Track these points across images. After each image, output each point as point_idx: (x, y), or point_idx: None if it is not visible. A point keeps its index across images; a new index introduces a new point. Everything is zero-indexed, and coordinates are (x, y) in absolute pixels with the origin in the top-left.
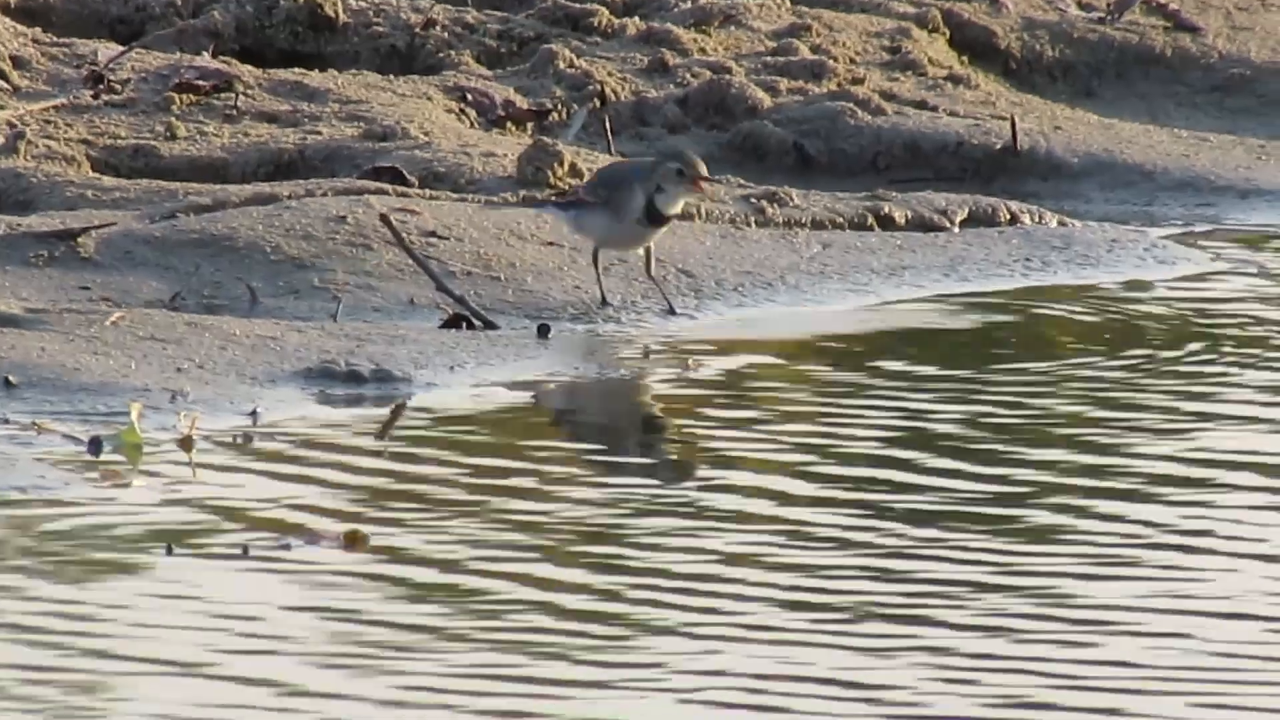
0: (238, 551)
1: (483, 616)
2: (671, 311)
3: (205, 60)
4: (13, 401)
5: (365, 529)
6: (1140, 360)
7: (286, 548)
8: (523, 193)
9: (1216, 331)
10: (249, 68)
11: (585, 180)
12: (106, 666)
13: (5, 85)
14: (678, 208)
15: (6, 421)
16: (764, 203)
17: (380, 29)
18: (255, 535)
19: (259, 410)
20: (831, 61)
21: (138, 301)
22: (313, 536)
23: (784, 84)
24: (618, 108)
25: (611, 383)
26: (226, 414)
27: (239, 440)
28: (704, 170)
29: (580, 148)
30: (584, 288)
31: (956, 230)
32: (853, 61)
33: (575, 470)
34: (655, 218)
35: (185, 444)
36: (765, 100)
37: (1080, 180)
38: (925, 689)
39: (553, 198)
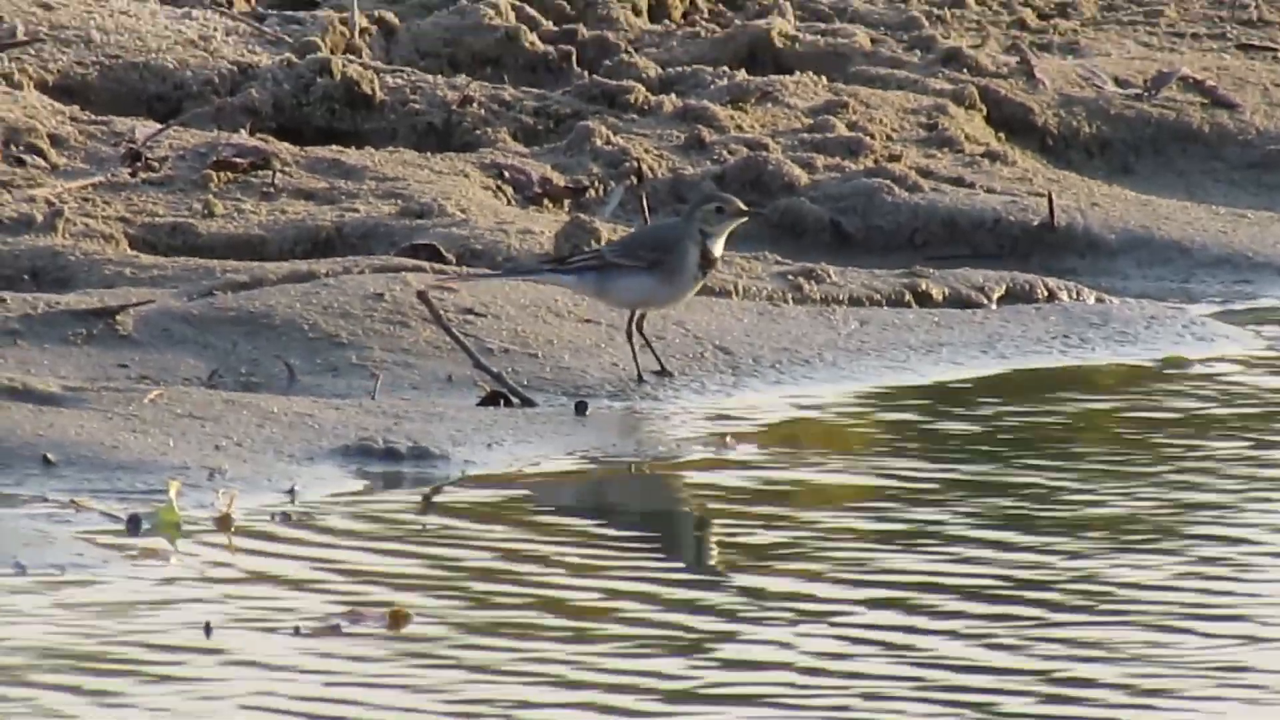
0: (282, 631)
1: (523, 694)
2: (666, 373)
3: (243, 138)
4: (51, 479)
5: (408, 608)
6: (1181, 439)
7: (336, 628)
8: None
9: (1257, 410)
10: (286, 145)
11: (609, 244)
12: None
13: (43, 163)
14: (722, 246)
15: (45, 499)
16: (801, 279)
17: (417, 106)
18: (297, 614)
19: (297, 488)
20: (868, 138)
21: (176, 379)
22: (356, 615)
23: (821, 161)
24: (654, 184)
25: (649, 461)
26: (265, 492)
27: (277, 519)
28: (737, 201)
29: (617, 224)
30: (621, 364)
31: (994, 307)
32: (889, 138)
33: (613, 550)
34: (707, 265)
35: (224, 522)
36: (802, 177)
37: (1118, 257)
38: None
39: (555, 265)
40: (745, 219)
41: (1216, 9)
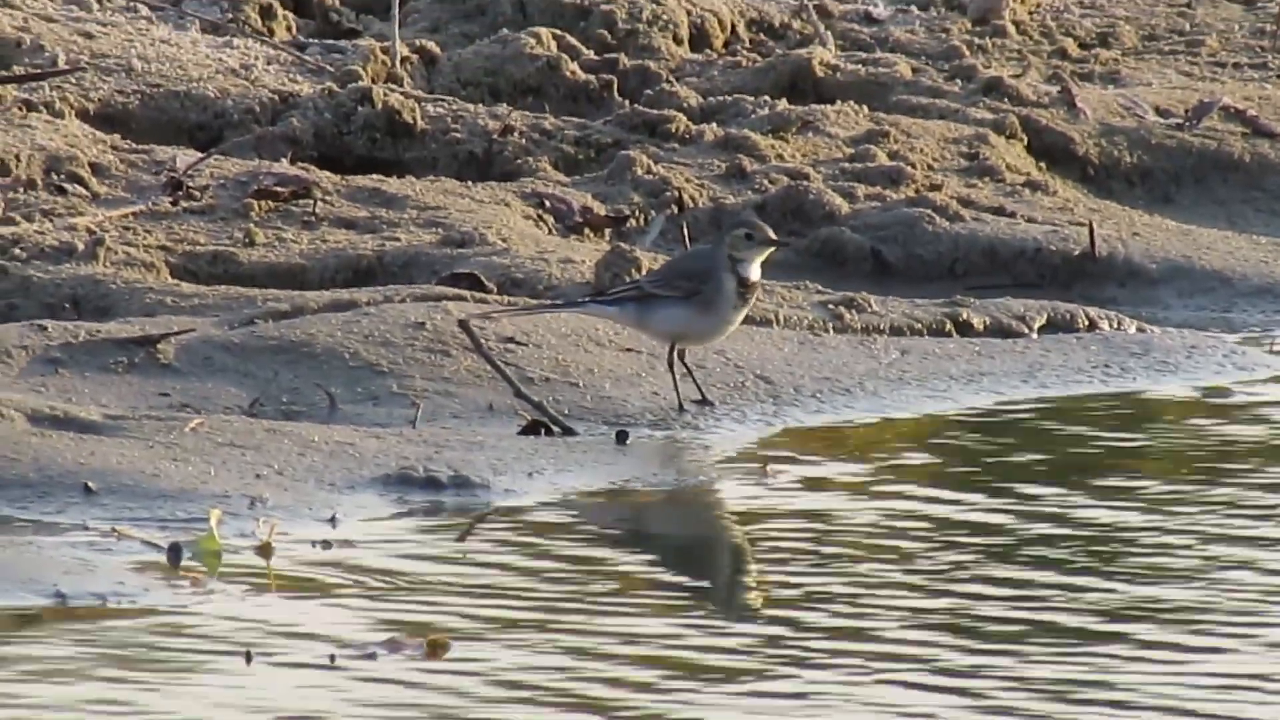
0: (321, 659)
1: None
2: (706, 402)
3: (284, 167)
4: (92, 508)
5: (446, 636)
6: (1224, 468)
7: (372, 657)
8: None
9: None
10: (327, 174)
11: (648, 276)
12: None
13: (85, 192)
14: (758, 270)
15: (86, 528)
16: (842, 309)
17: (458, 135)
18: (336, 643)
19: (338, 517)
20: (909, 168)
21: (216, 408)
22: (394, 644)
23: (861, 190)
24: (695, 214)
25: (689, 491)
26: (305, 520)
27: (318, 547)
28: (767, 229)
29: (658, 254)
30: (662, 393)
31: (1035, 336)
32: (930, 168)
33: (652, 581)
34: (746, 291)
35: (264, 551)
36: (843, 206)
37: (1159, 286)
38: None
39: (596, 296)
40: (775, 248)
41: (1258, 39)
